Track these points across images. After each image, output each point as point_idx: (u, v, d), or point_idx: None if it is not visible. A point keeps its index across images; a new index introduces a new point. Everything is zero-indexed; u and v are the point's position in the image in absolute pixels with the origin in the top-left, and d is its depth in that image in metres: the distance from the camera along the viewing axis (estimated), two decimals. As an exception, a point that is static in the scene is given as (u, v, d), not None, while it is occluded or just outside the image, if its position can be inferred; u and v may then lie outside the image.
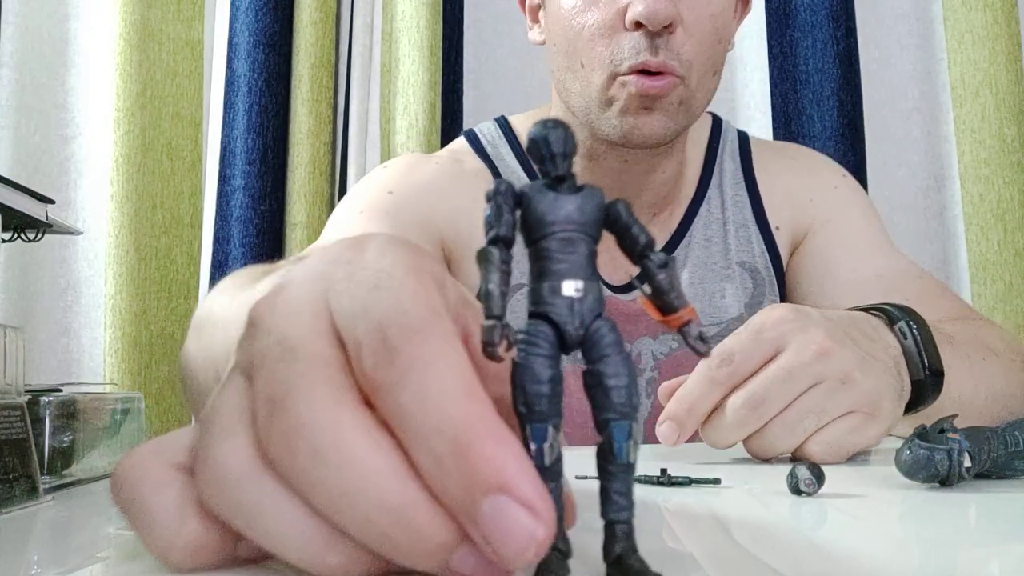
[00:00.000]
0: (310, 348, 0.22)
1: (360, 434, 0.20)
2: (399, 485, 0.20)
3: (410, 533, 0.20)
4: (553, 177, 0.23)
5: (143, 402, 0.58)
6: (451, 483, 0.19)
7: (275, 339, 0.23)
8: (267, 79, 1.20)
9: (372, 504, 0.20)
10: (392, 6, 1.25)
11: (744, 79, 1.30)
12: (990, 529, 0.33)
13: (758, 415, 0.49)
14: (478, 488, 0.19)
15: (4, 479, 0.36)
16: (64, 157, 1.24)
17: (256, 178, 1.19)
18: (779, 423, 0.50)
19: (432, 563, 0.20)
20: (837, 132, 1.22)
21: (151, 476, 0.23)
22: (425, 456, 0.19)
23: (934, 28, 1.28)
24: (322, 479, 0.20)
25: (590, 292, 0.22)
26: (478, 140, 0.86)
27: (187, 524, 0.22)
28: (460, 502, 0.19)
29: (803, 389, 0.49)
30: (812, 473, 0.38)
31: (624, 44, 0.69)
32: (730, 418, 0.49)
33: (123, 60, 1.19)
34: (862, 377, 0.50)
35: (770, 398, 0.49)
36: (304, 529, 0.21)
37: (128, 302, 1.17)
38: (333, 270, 0.24)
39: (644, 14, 0.67)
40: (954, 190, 1.25)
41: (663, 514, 0.36)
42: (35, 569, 0.28)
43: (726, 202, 0.85)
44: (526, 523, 0.18)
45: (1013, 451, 0.42)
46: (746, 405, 0.49)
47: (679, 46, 0.70)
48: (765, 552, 0.29)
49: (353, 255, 0.24)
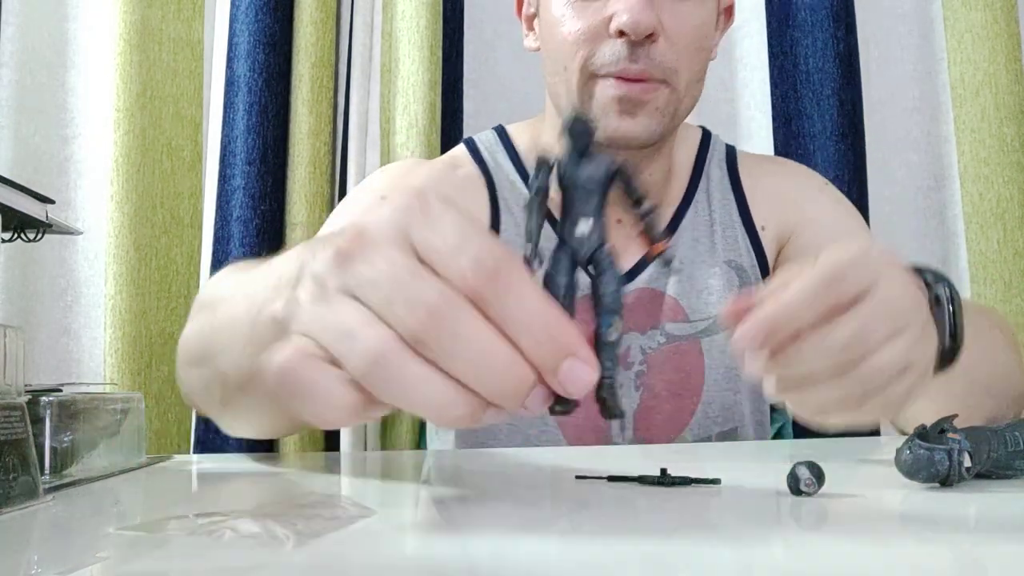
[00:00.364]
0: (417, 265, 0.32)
1: (483, 322, 0.31)
2: (513, 354, 0.31)
3: (515, 383, 0.31)
4: (578, 148, 0.34)
5: (143, 402, 0.58)
6: (544, 352, 0.31)
7: (385, 258, 0.32)
8: (267, 79, 1.20)
9: (499, 368, 0.31)
10: (392, 6, 1.25)
11: (744, 79, 1.30)
12: (990, 529, 0.33)
13: (863, 349, 0.41)
14: (561, 354, 0.31)
15: (4, 479, 0.36)
16: (64, 157, 1.23)
17: (256, 178, 1.19)
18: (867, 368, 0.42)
19: (518, 400, 0.31)
20: (837, 132, 1.22)
21: (311, 360, 0.32)
22: (526, 337, 0.31)
23: (934, 28, 1.28)
24: (463, 352, 0.30)
25: (596, 230, 0.34)
26: (476, 147, 0.89)
27: (348, 393, 0.31)
28: (548, 363, 0.31)
29: (896, 330, 0.42)
30: (812, 473, 0.38)
31: (605, 50, 0.72)
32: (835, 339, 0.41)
33: (123, 60, 1.19)
34: (930, 333, 0.45)
35: (877, 332, 0.41)
36: (438, 391, 0.31)
37: (128, 302, 1.17)
38: (407, 216, 0.33)
39: (627, 23, 0.70)
40: (954, 190, 1.25)
41: (663, 514, 0.36)
42: (35, 569, 0.28)
43: (713, 204, 0.87)
44: (584, 372, 0.31)
45: (1013, 451, 0.42)
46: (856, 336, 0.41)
47: (661, 55, 0.72)
48: (765, 552, 0.29)
49: (423, 204, 0.33)
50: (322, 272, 0.34)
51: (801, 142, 1.24)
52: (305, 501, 0.37)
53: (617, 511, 0.36)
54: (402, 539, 0.31)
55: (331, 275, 0.33)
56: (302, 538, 0.29)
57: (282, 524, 0.31)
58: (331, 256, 0.33)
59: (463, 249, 0.31)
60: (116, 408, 0.54)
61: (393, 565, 0.27)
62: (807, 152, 1.23)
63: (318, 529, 0.31)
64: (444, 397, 0.31)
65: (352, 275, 0.32)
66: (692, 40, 0.74)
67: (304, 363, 0.32)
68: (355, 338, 0.31)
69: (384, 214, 0.34)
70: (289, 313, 0.37)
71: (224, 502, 0.44)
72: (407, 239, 0.33)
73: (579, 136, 0.34)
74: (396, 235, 0.33)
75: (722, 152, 0.91)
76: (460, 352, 0.31)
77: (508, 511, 0.35)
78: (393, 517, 0.34)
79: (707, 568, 0.26)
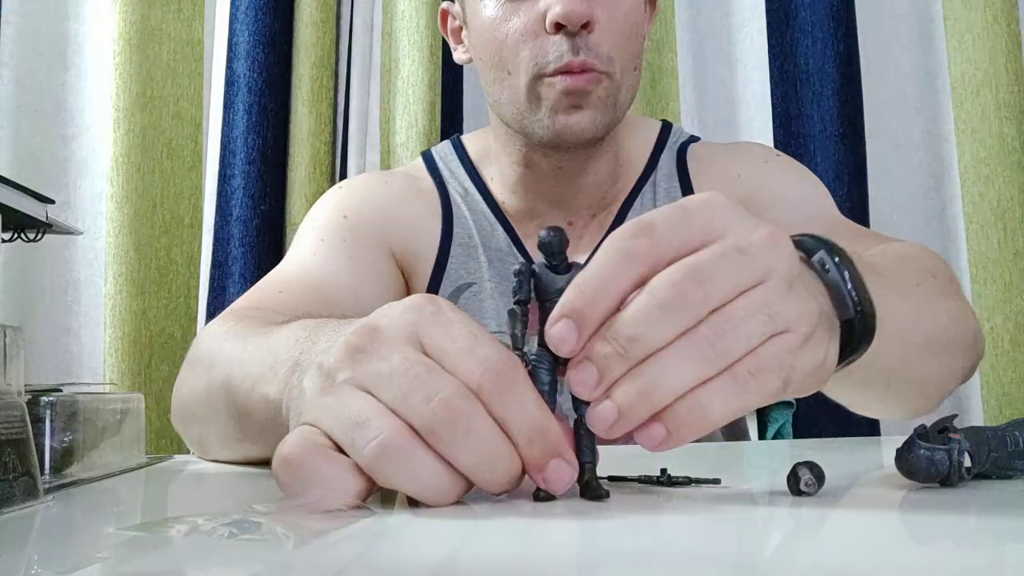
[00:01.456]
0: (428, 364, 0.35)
1: (490, 420, 0.34)
2: (513, 452, 0.35)
3: (510, 477, 0.35)
4: (554, 264, 0.38)
5: (143, 402, 0.58)
6: (535, 451, 0.35)
7: (400, 354, 0.35)
8: (267, 79, 1.20)
9: (499, 462, 0.35)
10: (392, 6, 1.25)
11: (744, 79, 1.30)
12: (990, 529, 0.33)
13: (704, 295, 0.34)
14: (549, 455, 0.35)
15: (4, 479, 0.36)
16: (64, 157, 1.23)
17: (256, 178, 1.19)
18: (724, 320, 0.34)
19: (504, 489, 0.36)
20: (837, 132, 1.22)
21: (319, 450, 0.35)
22: (523, 436, 0.35)
23: (934, 28, 1.28)
24: (471, 445, 0.34)
25: None
26: (432, 159, 0.91)
27: (355, 480, 0.34)
28: (539, 461, 0.35)
29: (753, 280, 0.35)
30: (812, 473, 0.38)
31: (548, 47, 0.73)
32: (662, 297, 0.34)
33: (123, 60, 1.19)
34: (804, 288, 0.37)
35: (720, 277, 0.34)
36: (440, 478, 0.34)
37: (128, 302, 1.17)
38: (419, 317, 0.36)
39: (562, 14, 0.71)
40: (954, 190, 1.25)
41: (663, 514, 0.36)
42: (35, 569, 0.28)
43: (658, 195, 0.86)
44: (567, 472, 0.36)
45: (1013, 451, 0.42)
46: (689, 278, 0.34)
47: (598, 44, 0.73)
48: (765, 552, 0.29)
49: (435, 308, 0.37)
50: (333, 366, 0.36)
51: (801, 142, 1.24)
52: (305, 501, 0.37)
53: (617, 511, 0.36)
54: (402, 539, 0.31)
55: (342, 369, 0.36)
56: (302, 538, 0.29)
57: (282, 524, 0.31)
58: (343, 351, 0.36)
59: (472, 351, 0.35)
60: (116, 408, 0.54)
61: (393, 565, 0.27)
62: (807, 152, 1.23)
63: (318, 529, 0.31)
64: (444, 484, 0.35)
65: (365, 370, 0.35)
66: (625, 27, 0.75)
67: (312, 453, 0.35)
68: (367, 427, 0.34)
69: (396, 314, 0.37)
70: (290, 400, 0.40)
71: (224, 502, 0.44)
72: (418, 339, 0.36)
73: (555, 253, 0.38)
74: (409, 335, 0.36)
75: (678, 143, 0.90)
76: (469, 445, 0.34)
77: (508, 511, 0.35)
78: (393, 517, 0.34)
79: (707, 568, 0.26)
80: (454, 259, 0.84)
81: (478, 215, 0.86)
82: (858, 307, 0.40)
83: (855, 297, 0.40)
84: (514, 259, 0.84)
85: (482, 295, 0.84)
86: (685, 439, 0.34)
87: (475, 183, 0.88)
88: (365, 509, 0.34)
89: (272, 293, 0.73)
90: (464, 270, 0.84)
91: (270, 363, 0.45)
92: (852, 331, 0.40)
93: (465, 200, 0.86)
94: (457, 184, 0.88)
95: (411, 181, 0.89)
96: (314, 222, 0.86)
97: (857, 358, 0.41)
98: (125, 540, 0.32)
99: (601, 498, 0.38)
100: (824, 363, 0.37)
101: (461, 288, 0.84)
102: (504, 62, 0.75)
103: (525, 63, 0.74)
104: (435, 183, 0.88)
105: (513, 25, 0.74)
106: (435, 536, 0.32)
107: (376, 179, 0.92)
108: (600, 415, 0.34)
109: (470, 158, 0.89)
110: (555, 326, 0.35)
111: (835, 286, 0.40)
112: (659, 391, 0.34)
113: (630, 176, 0.87)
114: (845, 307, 0.40)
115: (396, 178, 0.90)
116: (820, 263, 0.41)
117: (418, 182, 0.89)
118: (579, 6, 0.71)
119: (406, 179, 0.89)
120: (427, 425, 0.34)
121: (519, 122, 0.77)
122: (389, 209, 0.85)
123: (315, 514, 0.32)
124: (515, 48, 0.74)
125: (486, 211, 0.86)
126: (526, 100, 0.75)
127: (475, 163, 0.88)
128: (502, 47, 0.75)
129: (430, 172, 0.89)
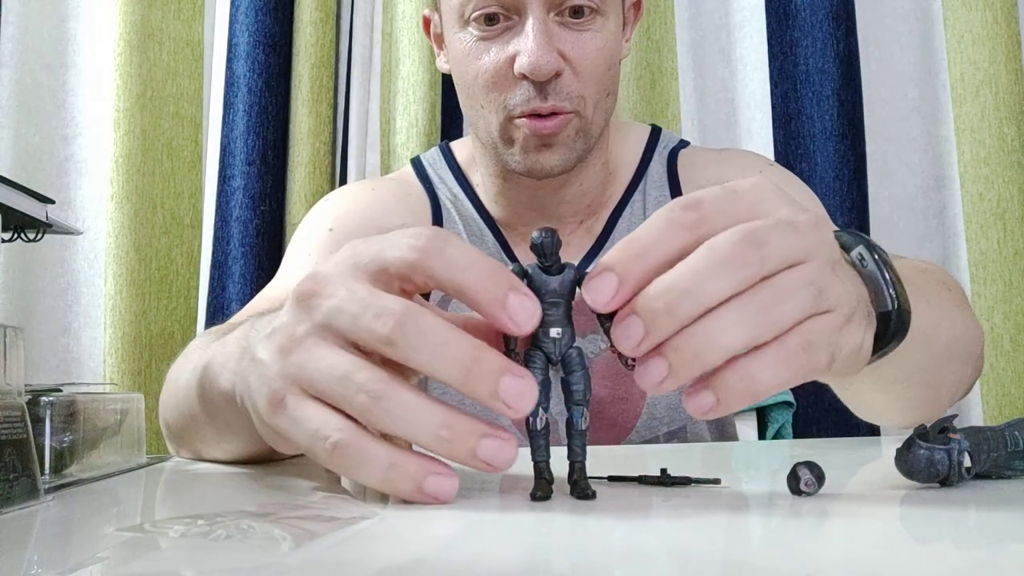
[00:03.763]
0: None
1: (438, 319, 0.35)
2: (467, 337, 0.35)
3: (470, 364, 0.34)
4: (546, 265, 0.38)
5: (143, 402, 0.58)
6: (486, 289, 0.35)
7: (345, 288, 0.36)
8: (267, 79, 1.20)
9: (458, 350, 0.35)
10: (392, 6, 1.25)
11: (744, 79, 1.30)
12: (990, 529, 0.33)
13: (760, 257, 0.34)
14: (504, 288, 0.35)
15: (4, 479, 0.36)
16: (64, 157, 1.24)
17: (256, 178, 1.19)
18: (777, 289, 0.35)
19: (481, 390, 0.34)
20: (837, 132, 1.22)
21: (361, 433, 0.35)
22: (472, 278, 0.35)
23: (934, 28, 1.28)
24: (425, 345, 0.35)
25: (566, 333, 0.38)
26: (421, 165, 0.91)
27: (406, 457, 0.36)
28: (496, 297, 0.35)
29: (803, 255, 0.36)
30: (812, 473, 0.38)
31: (516, 91, 0.73)
32: (723, 252, 0.34)
33: (123, 60, 1.19)
34: (844, 274, 0.38)
35: (775, 243, 0.35)
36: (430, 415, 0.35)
37: (128, 302, 1.17)
38: (352, 251, 0.38)
39: (528, 68, 0.71)
40: (954, 190, 1.25)
41: (663, 514, 0.36)
42: (35, 569, 0.28)
43: (648, 203, 0.86)
44: (529, 305, 0.35)
45: (1013, 451, 0.42)
46: (748, 239, 0.34)
47: (567, 86, 0.73)
48: (765, 552, 0.29)
49: (364, 244, 0.38)
50: (288, 322, 0.37)
51: (801, 142, 1.24)
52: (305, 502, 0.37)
53: (617, 511, 0.36)
54: (402, 540, 0.31)
55: (299, 322, 0.37)
56: (301, 539, 0.29)
57: (282, 525, 0.31)
58: (294, 303, 0.37)
59: (416, 265, 0.36)
60: (116, 408, 0.54)
61: (393, 566, 0.27)
62: (807, 152, 1.23)
63: (318, 530, 0.31)
64: (433, 417, 0.35)
65: (320, 312, 0.36)
66: (597, 64, 0.75)
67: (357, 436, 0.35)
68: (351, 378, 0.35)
69: (333, 258, 0.38)
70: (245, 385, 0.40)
71: (224, 502, 0.44)
72: (358, 272, 0.37)
73: (547, 254, 0.38)
74: (349, 270, 0.37)
75: (669, 148, 0.89)
76: (425, 345, 0.34)
77: (508, 511, 0.35)
78: (393, 518, 0.34)
79: (707, 568, 0.26)
80: None
81: (467, 220, 0.86)
82: (895, 300, 0.41)
83: (894, 292, 0.41)
84: (503, 262, 0.84)
85: None
86: (733, 407, 0.35)
87: (463, 189, 0.88)
88: (366, 510, 0.34)
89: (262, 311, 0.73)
90: None
91: (221, 360, 0.47)
92: (887, 325, 0.41)
93: (455, 205, 0.87)
94: (446, 190, 0.88)
95: (399, 187, 0.89)
96: (301, 238, 0.86)
97: (890, 351, 0.41)
98: (124, 540, 0.32)
99: (589, 497, 0.38)
100: (862, 348, 0.38)
101: None
102: (476, 97, 0.76)
103: (495, 103, 0.75)
104: (424, 189, 0.88)
105: (484, 64, 0.74)
106: (436, 536, 0.32)
107: (362, 188, 0.92)
108: (651, 370, 0.34)
109: (458, 164, 0.89)
110: (596, 278, 0.35)
111: (873, 279, 0.41)
112: (711, 351, 0.34)
113: (619, 183, 0.87)
114: (883, 300, 0.41)
115: (384, 184, 0.91)
116: (859, 257, 0.41)
117: (407, 187, 0.89)
118: (546, 60, 0.71)
119: (394, 185, 0.90)
120: (384, 337, 0.34)
121: (494, 151, 0.79)
122: (376, 217, 0.85)
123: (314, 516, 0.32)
124: (485, 89, 0.75)
125: (475, 216, 0.86)
126: (499, 136, 0.76)
127: (463, 169, 0.89)
128: (473, 84, 0.76)
129: (419, 178, 0.90)
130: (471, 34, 0.75)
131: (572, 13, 0.73)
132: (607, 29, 0.75)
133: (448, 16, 0.78)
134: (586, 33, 0.74)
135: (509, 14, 0.73)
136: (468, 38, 0.75)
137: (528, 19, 0.72)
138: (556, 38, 0.72)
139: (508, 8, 0.72)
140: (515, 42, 0.73)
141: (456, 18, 0.76)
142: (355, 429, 0.35)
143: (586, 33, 0.74)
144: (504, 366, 0.34)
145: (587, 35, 0.74)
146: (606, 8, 0.75)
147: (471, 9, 0.74)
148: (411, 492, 0.35)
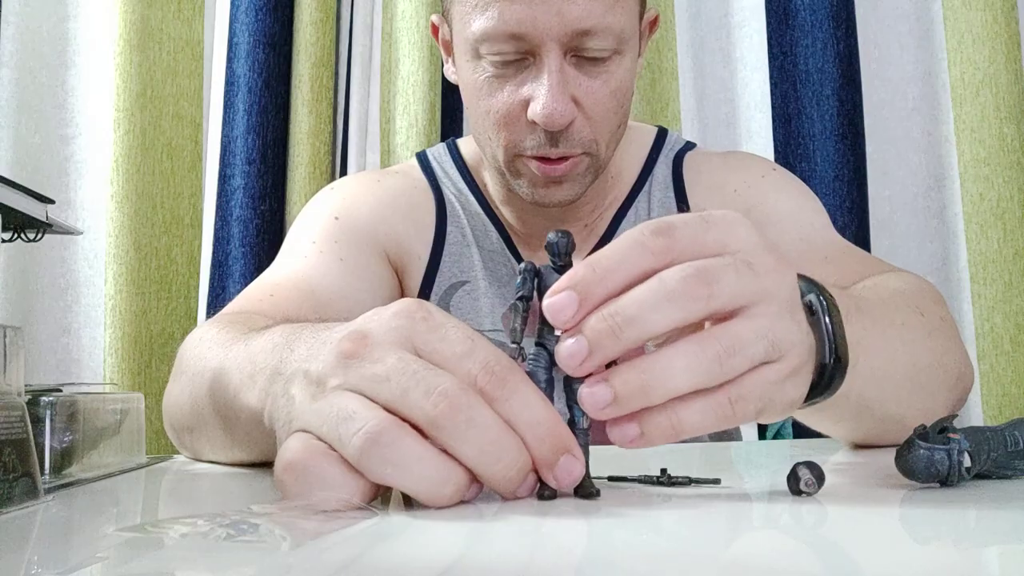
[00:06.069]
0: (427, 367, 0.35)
1: (495, 414, 0.34)
2: (520, 445, 0.35)
3: (518, 470, 0.35)
4: (559, 265, 0.39)
5: (143, 402, 0.58)
6: (545, 448, 0.35)
7: (395, 356, 0.35)
8: (267, 79, 1.20)
9: (506, 455, 0.35)
10: (392, 6, 1.25)
11: (744, 79, 1.30)
12: (990, 529, 0.33)
13: (708, 294, 0.35)
14: (559, 451, 0.36)
15: (4, 479, 0.36)
16: (64, 157, 1.24)
17: (256, 178, 1.19)
18: (735, 340, 0.35)
19: (514, 486, 0.36)
20: (837, 132, 1.22)
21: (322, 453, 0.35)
22: (531, 434, 0.35)
23: (934, 28, 1.28)
24: (476, 437, 0.34)
25: None
26: (427, 159, 0.91)
27: (361, 482, 0.34)
28: (549, 457, 0.35)
29: (754, 297, 0.36)
30: (812, 473, 0.38)
31: (526, 136, 0.72)
32: (671, 286, 0.35)
33: (123, 60, 1.19)
34: (800, 320, 0.38)
35: (726, 283, 0.35)
36: (433, 467, 0.34)
37: (128, 302, 1.17)
38: (411, 322, 0.36)
39: (541, 118, 0.69)
40: (954, 190, 1.25)
41: (663, 514, 0.36)
42: (35, 569, 0.28)
43: (652, 205, 0.85)
44: (577, 466, 0.36)
45: (1013, 451, 0.42)
46: (698, 275, 0.35)
47: (579, 134, 0.72)
48: (765, 552, 0.29)
49: (425, 314, 0.36)
50: (323, 372, 0.36)
51: (801, 142, 1.24)
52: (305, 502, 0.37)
53: (617, 511, 0.36)
54: (402, 540, 0.31)
55: (333, 376, 0.36)
56: (301, 539, 0.29)
57: (280, 526, 0.31)
58: (332, 358, 0.36)
59: (471, 354, 0.35)
60: (116, 408, 0.54)
61: (394, 566, 0.27)
62: (807, 152, 1.23)
63: (318, 530, 0.31)
64: (438, 475, 0.34)
65: (357, 374, 0.35)
66: (611, 106, 0.73)
67: (315, 456, 0.35)
68: (353, 420, 0.34)
69: (385, 319, 0.36)
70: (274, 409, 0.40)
71: (223, 503, 0.44)
72: (412, 344, 0.36)
73: (561, 254, 0.39)
74: (402, 339, 0.36)
75: (674, 150, 0.88)
76: (471, 435, 0.34)
77: (509, 511, 0.35)
78: (394, 518, 0.34)
79: (708, 568, 0.26)
80: (448, 257, 0.84)
81: (472, 215, 0.86)
82: (833, 355, 0.40)
83: (833, 344, 0.40)
84: (507, 260, 0.84)
85: (476, 293, 0.84)
86: (655, 443, 0.36)
87: (469, 185, 0.87)
88: (368, 511, 0.34)
89: (263, 297, 0.72)
90: (458, 268, 0.84)
91: (249, 372, 0.45)
92: (822, 375, 0.41)
93: (459, 200, 0.86)
94: (451, 184, 0.88)
95: (404, 180, 0.88)
96: (305, 224, 0.85)
97: (821, 401, 0.42)
98: (124, 540, 0.32)
99: (592, 496, 0.38)
100: (795, 401, 0.39)
101: (455, 286, 0.84)
102: (485, 129, 0.75)
103: (505, 140, 0.73)
104: (429, 182, 0.88)
105: (496, 104, 0.72)
106: (437, 536, 0.32)
107: (368, 179, 0.91)
108: (595, 397, 0.35)
109: (464, 161, 0.89)
110: (557, 296, 0.36)
111: (818, 329, 0.41)
112: (658, 390, 0.35)
113: (624, 184, 0.86)
114: (823, 352, 0.40)
115: (389, 177, 0.90)
116: (809, 304, 0.41)
117: (412, 181, 0.88)
118: (560, 112, 0.68)
119: (399, 178, 0.89)
120: (429, 417, 0.33)
121: (500, 176, 0.78)
122: (381, 209, 0.85)
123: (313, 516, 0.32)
124: (496, 126, 0.73)
125: (479, 211, 0.86)
126: (506, 168, 0.75)
127: (469, 166, 0.88)
128: (484, 118, 0.74)
129: (424, 172, 0.89)
130: (484, 69, 0.72)
131: (589, 57, 0.70)
132: (623, 67, 0.73)
133: (460, 44, 0.75)
134: (601, 77, 0.71)
135: (524, 56, 0.70)
136: (481, 72, 0.72)
137: (544, 63, 0.69)
138: (571, 83, 0.70)
139: (523, 52, 0.70)
140: (529, 86, 0.70)
141: (469, 49, 0.72)
142: None
143: (601, 77, 0.71)
144: None
145: (602, 79, 0.71)
146: (624, 47, 0.72)
147: (485, 50, 0.70)
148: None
